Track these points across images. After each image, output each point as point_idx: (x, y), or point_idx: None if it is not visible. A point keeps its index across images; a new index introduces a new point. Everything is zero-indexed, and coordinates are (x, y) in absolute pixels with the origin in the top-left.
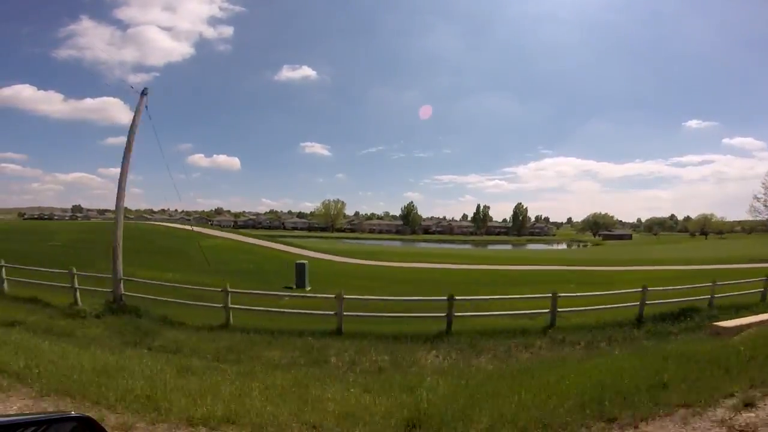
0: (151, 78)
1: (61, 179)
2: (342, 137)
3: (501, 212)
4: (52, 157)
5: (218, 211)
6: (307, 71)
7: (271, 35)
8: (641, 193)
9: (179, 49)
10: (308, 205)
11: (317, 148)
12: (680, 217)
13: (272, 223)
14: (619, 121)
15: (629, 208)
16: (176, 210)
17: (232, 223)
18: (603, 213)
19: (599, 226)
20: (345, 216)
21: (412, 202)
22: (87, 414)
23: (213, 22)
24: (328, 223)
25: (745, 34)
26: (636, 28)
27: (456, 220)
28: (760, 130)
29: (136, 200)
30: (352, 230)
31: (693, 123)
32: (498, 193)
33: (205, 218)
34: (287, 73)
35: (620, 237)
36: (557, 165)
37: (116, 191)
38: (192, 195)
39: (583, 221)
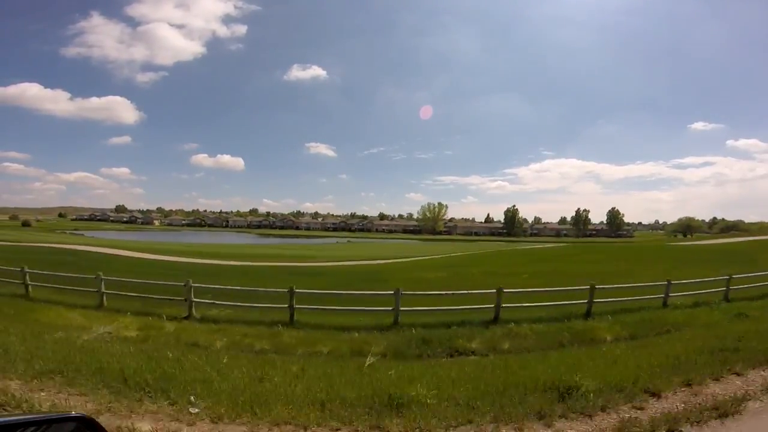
0: (159, 77)
1: (63, 179)
2: (347, 138)
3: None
4: (55, 157)
5: (300, 214)
6: (317, 71)
7: (284, 34)
8: (642, 194)
9: (190, 48)
10: (309, 206)
11: (322, 149)
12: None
13: (363, 226)
14: (626, 122)
15: (630, 210)
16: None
17: (325, 227)
18: (691, 217)
19: (691, 229)
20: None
21: (514, 205)
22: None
23: (227, 20)
24: (428, 226)
25: (757, 35)
26: (650, 31)
27: (551, 223)
28: (766, 132)
29: (136, 200)
30: (449, 233)
31: (699, 125)
32: (501, 194)
33: (292, 220)
34: (297, 73)
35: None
36: (559, 166)
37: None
38: (194, 195)
39: (674, 224)
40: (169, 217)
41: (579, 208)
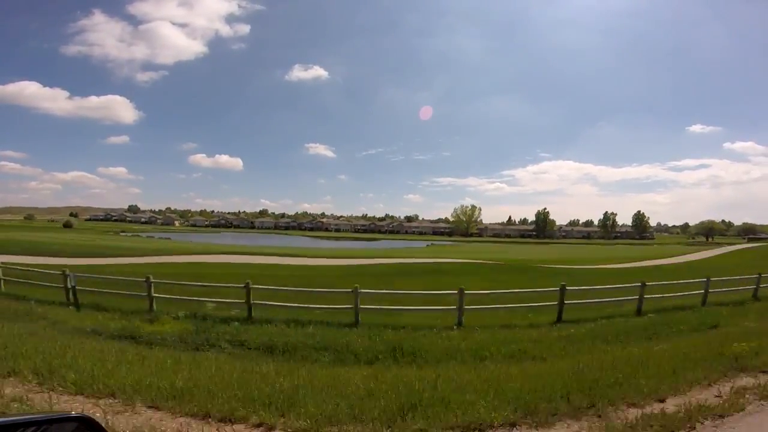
0: (159, 77)
1: (60, 178)
2: (347, 138)
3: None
4: (52, 156)
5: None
6: (318, 71)
7: (287, 33)
8: (638, 196)
9: (192, 47)
10: (307, 206)
11: (321, 149)
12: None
13: (393, 228)
14: (624, 125)
15: (627, 212)
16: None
17: (355, 229)
18: (713, 220)
19: (713, 232)
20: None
21: (545, 208)
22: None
23: (231, 19)
24: (461, 228)
25: (755, 39)
26: (650, 34)
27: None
28: (764, 135)
29: (133, 199)
30: (479, 235)
31: (696, 127)
32: (499, 196)
33: (320, 221)
34: (298, 73)
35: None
36: (557, 168)
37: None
38: (191, 195)
39: (696, 226)
40: (191, 218)
41: (607, 211)
